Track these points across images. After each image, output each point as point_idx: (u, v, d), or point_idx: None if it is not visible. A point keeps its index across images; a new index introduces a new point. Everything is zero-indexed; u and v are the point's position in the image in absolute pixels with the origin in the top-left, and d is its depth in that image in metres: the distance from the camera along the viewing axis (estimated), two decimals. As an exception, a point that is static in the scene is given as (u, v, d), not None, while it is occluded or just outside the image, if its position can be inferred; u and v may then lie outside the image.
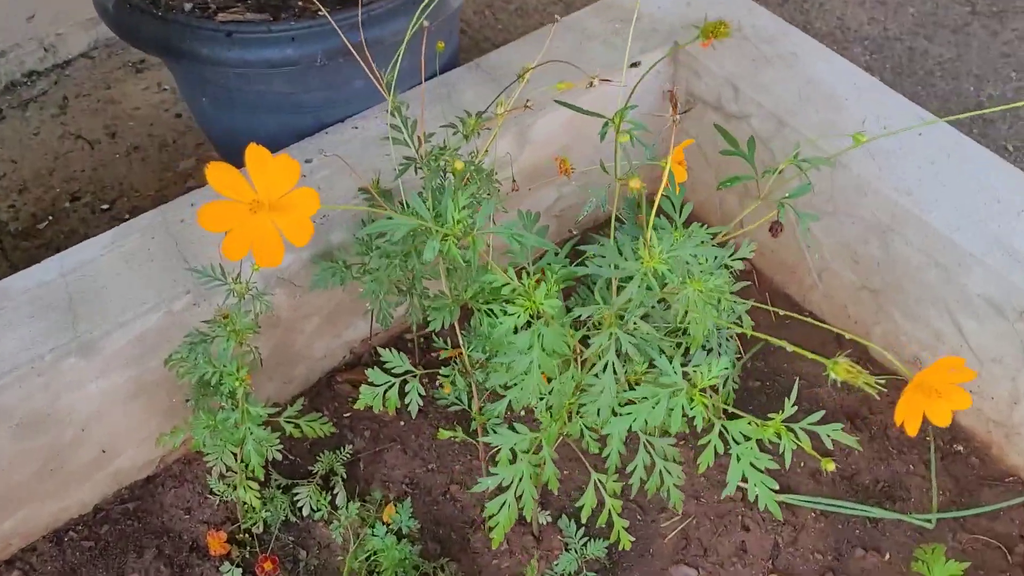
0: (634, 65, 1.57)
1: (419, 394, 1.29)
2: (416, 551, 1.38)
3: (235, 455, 1.29)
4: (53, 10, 2.06)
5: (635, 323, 1.00)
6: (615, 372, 1.01)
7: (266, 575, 1.36)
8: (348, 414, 1.56)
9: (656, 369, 1.02)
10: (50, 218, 1.89)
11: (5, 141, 2.02)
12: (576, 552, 1.37)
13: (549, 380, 1.06)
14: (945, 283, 1.41)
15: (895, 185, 1.44)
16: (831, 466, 0.95)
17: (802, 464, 1.48)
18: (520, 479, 1.14)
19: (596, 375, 1.03)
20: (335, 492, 1.44)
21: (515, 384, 1.04)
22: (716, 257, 1.01)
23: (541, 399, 1.08)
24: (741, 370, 1.57)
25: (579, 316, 1.04)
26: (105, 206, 1.91)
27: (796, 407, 0.97)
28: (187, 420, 1.31)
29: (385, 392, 1.28)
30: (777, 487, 1.01)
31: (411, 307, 1.39)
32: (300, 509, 1.42)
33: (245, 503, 1.37)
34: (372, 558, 1.38)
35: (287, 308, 1.46)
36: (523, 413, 1.45)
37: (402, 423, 1.54)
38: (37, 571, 1.39)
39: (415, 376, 1.28)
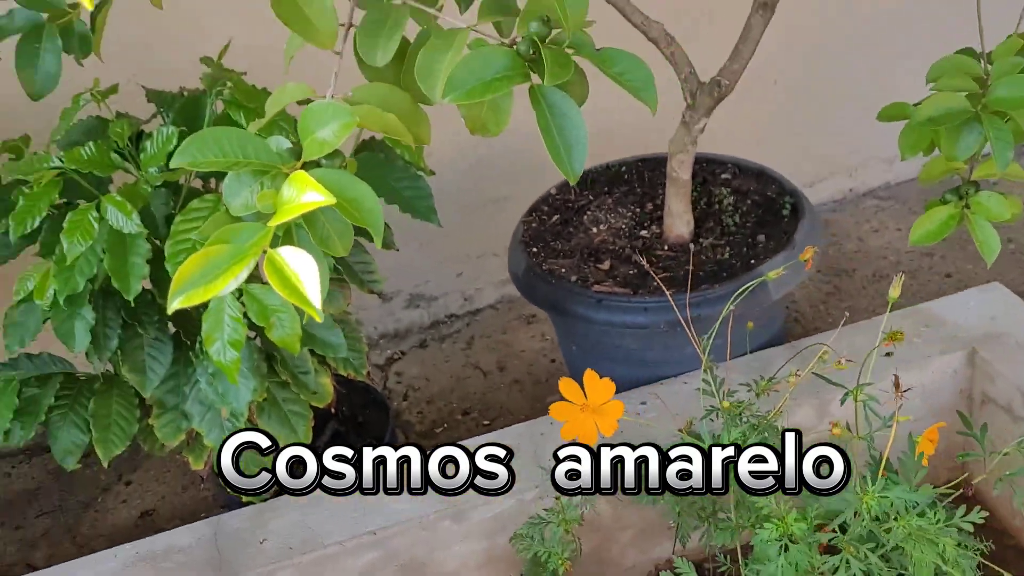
0: (887, 355, 1.84)
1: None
2: None
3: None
4: (476, 270, 2.72)
5: (865, 553, 1.27)
6: (847, 591, 1.27)
7: None
8: (645, 620, 1.86)
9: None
10: (444, 426, 2.44)
11: (424, 363, 2.64)
12: None
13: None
14: None
15: None
16: None
17: None
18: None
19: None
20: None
21: (765, 587, 1.33)
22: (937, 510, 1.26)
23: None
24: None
25: (827, 540, 1.32)
26: (487, 422, 2.42)
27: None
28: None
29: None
30: None
31: (708, 533, 1.69)
32: None
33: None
34: None
35: (610, 517, 1.82)
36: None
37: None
38: None
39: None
